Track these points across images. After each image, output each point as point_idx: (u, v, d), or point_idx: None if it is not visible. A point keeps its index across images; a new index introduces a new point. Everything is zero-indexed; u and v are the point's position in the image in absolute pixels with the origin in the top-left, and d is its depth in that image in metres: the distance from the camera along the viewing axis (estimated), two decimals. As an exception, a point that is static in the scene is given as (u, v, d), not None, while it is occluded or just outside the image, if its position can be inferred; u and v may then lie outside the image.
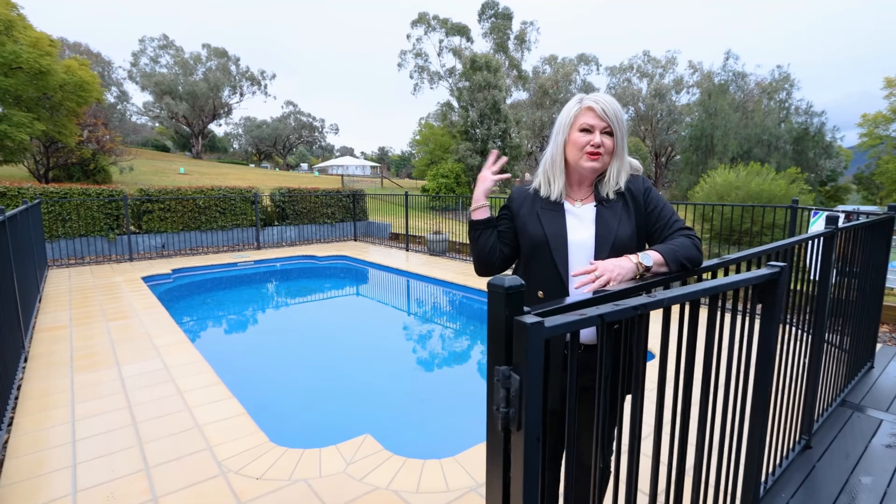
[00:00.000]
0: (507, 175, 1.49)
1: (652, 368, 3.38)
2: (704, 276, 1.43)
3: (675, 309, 1.17)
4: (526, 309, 0.80)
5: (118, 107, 42.22)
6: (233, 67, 45.08)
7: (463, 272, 7.94)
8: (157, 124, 48.94)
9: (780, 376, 2.05)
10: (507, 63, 29.57)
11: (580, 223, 1.44)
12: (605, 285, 1.19)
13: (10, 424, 2.87)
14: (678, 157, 33.95)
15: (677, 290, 1.11)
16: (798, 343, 2.25)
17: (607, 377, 1.03)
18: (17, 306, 3.80)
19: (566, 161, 1.46)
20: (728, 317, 1.35)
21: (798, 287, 2.28)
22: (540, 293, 1.44)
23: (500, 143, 23.01)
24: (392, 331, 6.25)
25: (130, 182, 18.73)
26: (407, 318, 6.87)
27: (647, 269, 1.27)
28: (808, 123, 28.29)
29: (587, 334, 1.42)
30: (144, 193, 9.58)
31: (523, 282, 0.77)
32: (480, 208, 1.50)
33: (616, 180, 1.44)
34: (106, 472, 2.43)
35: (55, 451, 2.61)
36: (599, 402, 1.00)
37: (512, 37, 30.18)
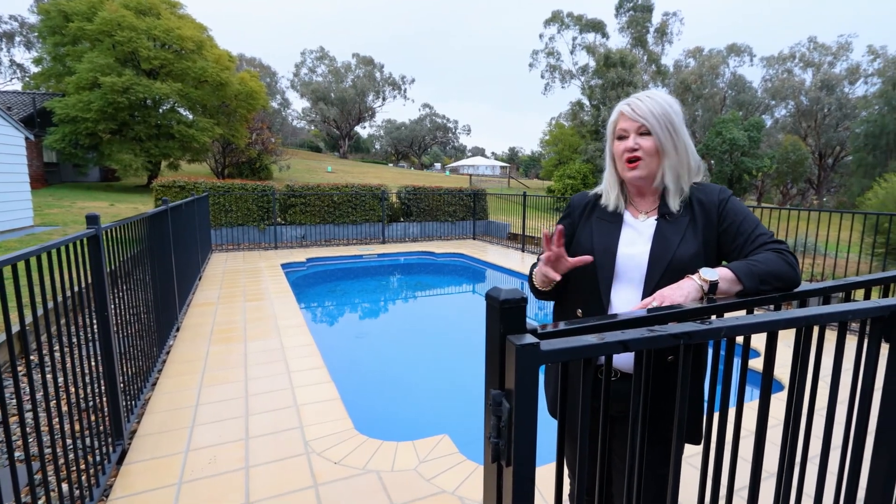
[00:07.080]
0: (584, 259, 1.19)
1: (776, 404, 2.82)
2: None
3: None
4: (532, 326, 0.72)
5: (281, 112, 48.47)
6: (377, 74, 48.90)
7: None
8: (311, 127, 55.17)
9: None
10: (644, 58, 27.51)
11: (637, 237, 1.25)
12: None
13: (154, 384, 3.41)
14: (849, 157, 28.89)
15: (746, 317, 0.86)
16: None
17: (641, 418, 0.85)
18: (173, 284, 4.50)
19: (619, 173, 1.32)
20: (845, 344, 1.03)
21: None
22: (579, 312, 1.29)
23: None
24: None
25: (287, 179, 21.34)
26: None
27: (713, 286, 1.02)
28: None
29: (623, 361, 1.21)
30: (290, 189, 10.78)
31: (525, 295, 0.69)
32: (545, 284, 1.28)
33: (677, 185, 1.22)
34: (214, 436, 2.75)
35: (181, 413, 3.02)
36: (637, 447, 0.86)
37: (651, 30, 28.12)
